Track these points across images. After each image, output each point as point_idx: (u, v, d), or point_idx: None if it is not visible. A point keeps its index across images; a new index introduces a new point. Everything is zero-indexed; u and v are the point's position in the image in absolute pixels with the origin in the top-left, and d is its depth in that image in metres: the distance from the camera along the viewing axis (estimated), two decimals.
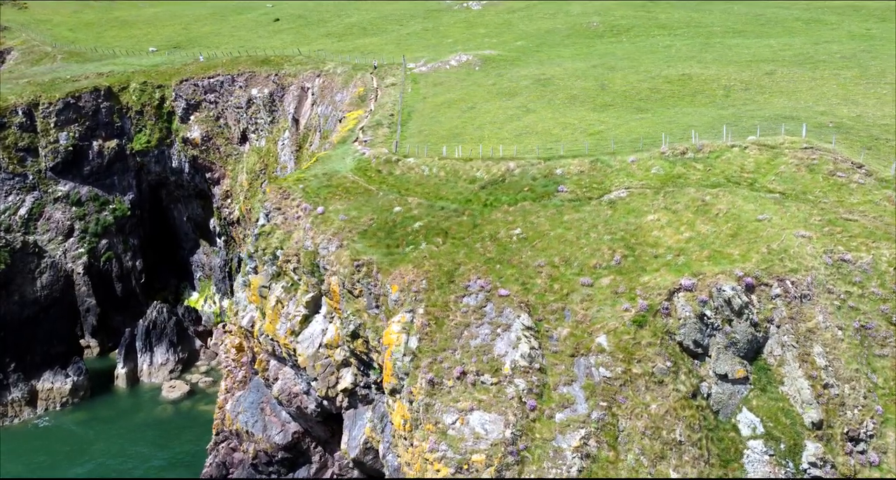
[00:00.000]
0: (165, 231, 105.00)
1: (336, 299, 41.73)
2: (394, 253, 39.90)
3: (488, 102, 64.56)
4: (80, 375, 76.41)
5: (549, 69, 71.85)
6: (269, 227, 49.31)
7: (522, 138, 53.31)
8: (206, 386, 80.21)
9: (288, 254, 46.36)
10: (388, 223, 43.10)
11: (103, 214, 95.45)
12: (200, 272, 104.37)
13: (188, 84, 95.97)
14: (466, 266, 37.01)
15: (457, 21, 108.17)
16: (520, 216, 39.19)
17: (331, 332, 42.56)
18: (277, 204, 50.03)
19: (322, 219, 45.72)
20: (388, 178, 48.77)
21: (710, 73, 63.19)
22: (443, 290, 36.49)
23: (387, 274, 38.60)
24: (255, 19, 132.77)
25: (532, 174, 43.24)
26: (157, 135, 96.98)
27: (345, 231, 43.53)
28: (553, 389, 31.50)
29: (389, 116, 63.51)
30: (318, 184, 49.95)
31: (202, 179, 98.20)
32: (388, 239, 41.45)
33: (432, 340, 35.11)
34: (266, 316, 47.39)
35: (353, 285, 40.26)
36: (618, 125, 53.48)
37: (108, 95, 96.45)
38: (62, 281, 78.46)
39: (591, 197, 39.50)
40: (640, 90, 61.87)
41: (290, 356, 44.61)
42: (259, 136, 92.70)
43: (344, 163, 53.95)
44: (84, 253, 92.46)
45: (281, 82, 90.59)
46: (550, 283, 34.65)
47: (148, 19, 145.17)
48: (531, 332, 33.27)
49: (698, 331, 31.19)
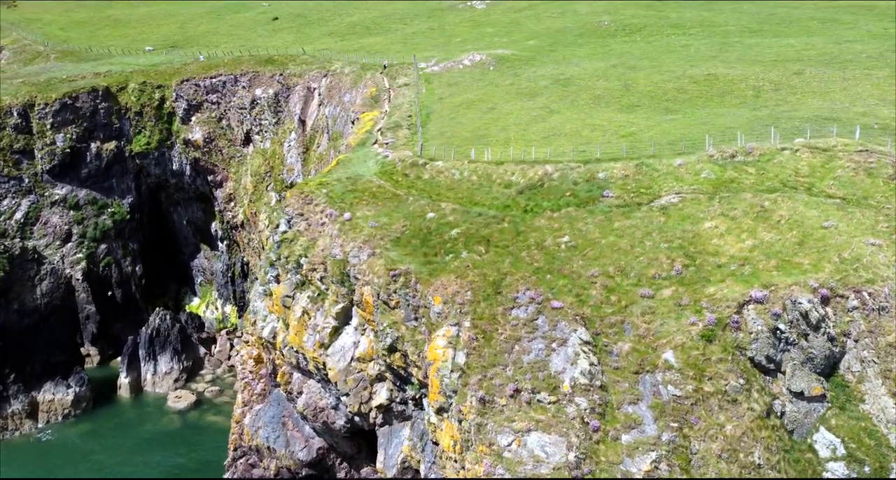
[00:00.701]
0: (165, 235, 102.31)
1: (369, 310, 39.67)
2: (432, 262, 37.90)
3: (508, 103, 62.71)
4: (83, 385, 73.77)
5: (567, 69, 70.10)
6: (291, 234, 47.14)
7: (551, 140, 51.47)
8: (212, 396, 77.80)
9: (313, 263, 44.23)
10: (421, 230, 41.09)
11: (102, 218, 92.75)
12: (201, 277, 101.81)
13: (189, 84, 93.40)
14: (513, 276, 35.09)
15: (462, 20, 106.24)
16: (566, 223, 37.31)
17: (363, 345, 40.49)
18: (300, 209, 47.86)
19: (350, 225, 43.65)
20: (417, 183, 46.74)
21: (737, 73, 61.66)
22: (489, 302, 34.55)
23: (427, 284, 36.59)
24: (252, 18, 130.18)
25: (573, 178, 41.39)
26: (157, 137, 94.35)
27: (376, 238, 41.48)
28: (616, 408, 29.65)
29: (407, 117, 61.47)
30: (343, 189, 47.85)
31: (204, 182, 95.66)
32: (424, 247, 39.45)
33: (480, 355, 33.17)
34: (290, 327, 45.21)
35: (389, 296, 38.22)
36: (649, 126, 51.79)
37: (107, 96, 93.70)
38: (62, 288, 75.75)
39: (640, 202, 37.67)
40: (666, 90, 60.23)
41: (319, 370, 42.49)
42: (263, 138, 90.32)
43: (366, 166, 51.87)
44: (83, 259, 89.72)
45: (286, 82, 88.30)
46: (606, 295, 32.79)
47: (141, 18, 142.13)
48: (589, 347, 31.41)
49: (771, 346, 29.45)
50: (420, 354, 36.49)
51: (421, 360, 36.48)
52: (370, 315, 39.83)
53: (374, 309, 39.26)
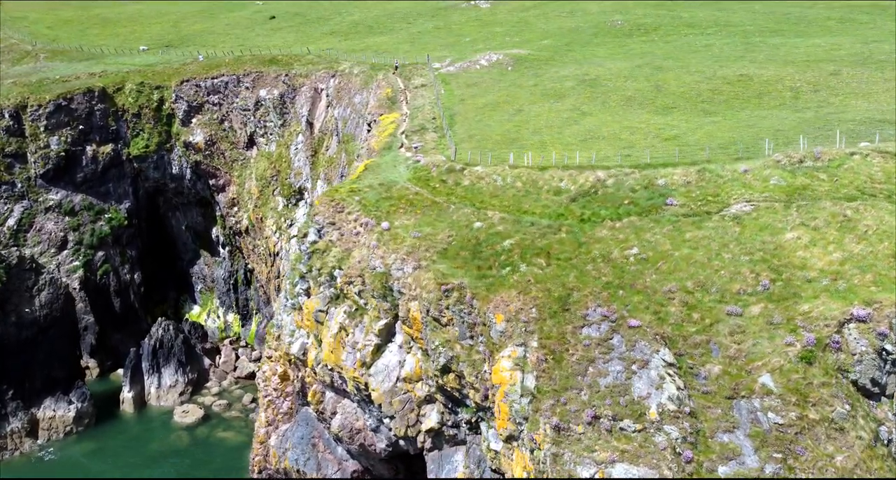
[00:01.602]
0: (163, 241, 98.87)
1: (417, 327, 37.08)
2: (487, 276, 35.38)
3: (535, 104, 60.37)
4: (84, 401, 70.25)
5: (590, 69, 67.90)
6: (322, 244, 44.42)
7: (590, 144, 49.17)
8: (221, 410, 74.55)
9: (349, 275, 41.54)
10: (469, 241, 38.58)
11: (99, 224, 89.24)
12: (201, 284, 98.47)
13: (189, 85, 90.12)
14: (581, 291, 32.68)
15: (468, 19, 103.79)
16: (632, 233, 34.98)
17: (410, 364, 37.88)
18: (331, 218, 45.15)
19: (389, 235, 41.03)
20: (457, 190, 44.20)
21: (770, 74, 59.80)
22: (556, 320, 32.11)
23: (485, 300, 34.08)
24: (248, 17, 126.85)
25: (629, 185, 39.07)
26: (155, 140, 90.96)
27: (420, 250, 38.90)
28: (710, 437, 27.31)
29: (431, 120, 58.89)
30: (377, 196, 45.21)
31: (205, 186, 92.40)
32: (475, 259, 36.92)
33: (551, 378, 30.72)
34: (323, 343, 42.50)
35: (441, 312, 35.65)
36: (692, 129, 49.70)
37: (103, 97, 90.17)
38: (62, 298, 72.19)
39: (708, 211, 35.43)
40: (699, 91, 58.22)
41: (360, 390, 39.81)
42: (268, 140, 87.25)
43: (397, 172, 49.26)
44: (79, 267, 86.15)
45: (292, 83, 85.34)
46: (687, 312, 30.48)
47: (132, 17, 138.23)
48: (674, 369, 29.07)
49: (876, 368, 27.32)
50: (478, 375, 33.97)
51: (479, 382, 33.97)
52: (418, 332, 37.24)
53: (423, 326, 36.67)
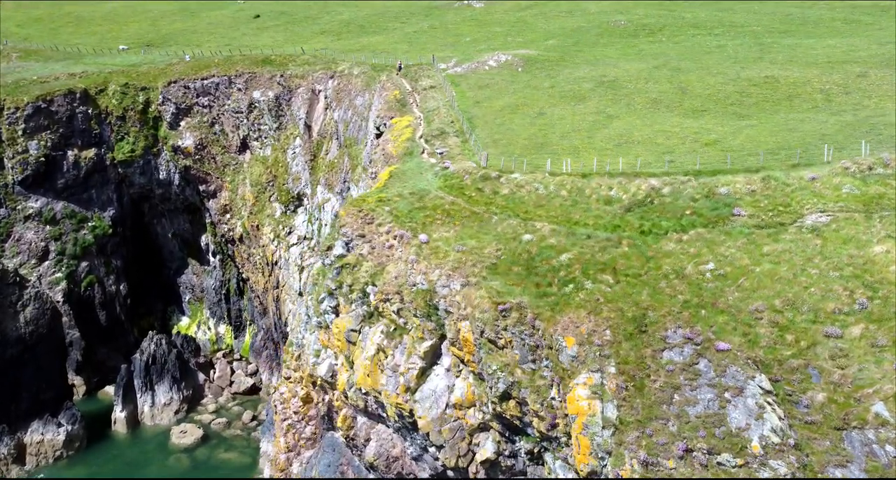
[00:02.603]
0: (148, 249, 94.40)
1: (469, 349, 34.31)
2: (548, 294, 32.77)
3: (556, 107, 57.98)
4: (74, 423, 65.92)
5: (606, 70, 65.72)
6: (352, 258, 41.40)
7: (626, 149, 46.93)
8: (220, 429, 70.76)
9: (386, 292, 38.62)
10: (520, 255, 35.94)
11: (82, 233, 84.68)
12: (190, 294, 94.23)
13: (178, 86, 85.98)
14: (657, 311, 30.24)
15: (464, 19, 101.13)
16: (704, 247, 32.65)
17: (460, 389, 35.08)
18: (360, 230, 42.16)
19: (430, 249, 38.19)
20: (496, 199, 41.51)
21: (796, 76, 58.20)
22: (633, 343, 29.64)
23: (550, 321, 31.45)
24: (231, 16, 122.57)
25: (688, 194, 36.79)
26: (142, 144, 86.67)
27: (467, 265, 36.15)
28: (819, 472, 25.06)
29: (450, 124, 56.12)
30: (409, 206, 42.33)
31: (194, 192, 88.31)
32: (531, 275, 34.28)
33: (633, 407, 28.26)
34: (357, 365, 39.48)
35: (497, 334, 32.94)
36: (729, 133, 47.71)
37: (85, 99, 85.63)
38: (48, 314, 67.75)
39: (782, 223, 33.27)
40: (727, 94, 56.36)
41: (402, 417, 36.89)
42: (263, 144, 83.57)
43: (424, 179, 46.43)
44: (62, 279, 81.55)
45: (287, 84, 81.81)
46: (779, 334, 28.21)
47: (107, 15, 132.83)
48: (772, 397, 26.77)
49: None
50: (543, 402, 31.35)
51: (544, 409, 31.35)
52: (469, 354, 34.48)
53: (476, 348, 33.92)
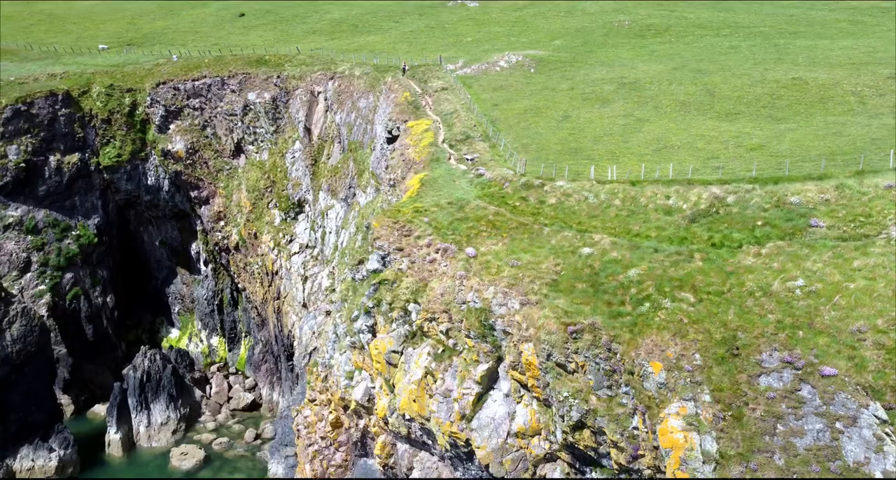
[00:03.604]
0: (134, 258, 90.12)
1: (533, 374, 31.72)
2: (622, 313, 30.32)
3: (580, 110, 55.73)
4: (67, 447, 61.76)
5: (623, 72, 63.71)
6: (390, 274, 38.52)
7: (666, 154, 44.84)
8: (222, 449, 67.07)
9: (432, 311, 35.85)
10: (582, 270, 33.44)
11: (65, 243, 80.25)
12: (179, 305, 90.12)
13: (166, 87, 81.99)
14: (748, 332, 27.96)
15: (461, 19, 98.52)
16: (787, 261, 30.47)
17: (523, 417, 32.46)
18: (397, 243, 39.29)
19: (479, 264, 35.51)
20: (543, 208, 38.99)
21: (824, 78, 56.75)
22: (726, 367, 27.31)
23: (630, 344, 28.99)
24: (214, 14, 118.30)
25: (757, 203, 34.66)
26: (129, 148, 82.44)
27: (524, 281, 33.56)
28: None
29: (473, 127, 53.51)
30: (449, 217, 39.60)
31: (185, 198, 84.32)
32: (598, 293, 31.79)
33: (732, 439, 25.93)
34: (400, 389, 36.64)
35: (567, 357, 30.40)
36: (772, 137, 45.87)
37: (67, 101, 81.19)
38: (36, 331, 63.44)
39: (866, 234, 31.29)
40: (757, 96, 54.65)
41: (456, 446, 34.14)
42: (259, 148, 79.99)
43: (459, 187, 43.72)
44: (46, 291, 77.14)
45: (284, 85, 78.38)
46: (888, 357, 26.11)
47: (83, 13, 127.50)
48: (890, 428, 24.65)
49: None
50: (623, 432, 28.87)
51: (624, 440, 28.88)
52: (533, 379, 31.87)
53: (542, 372, 31.34)
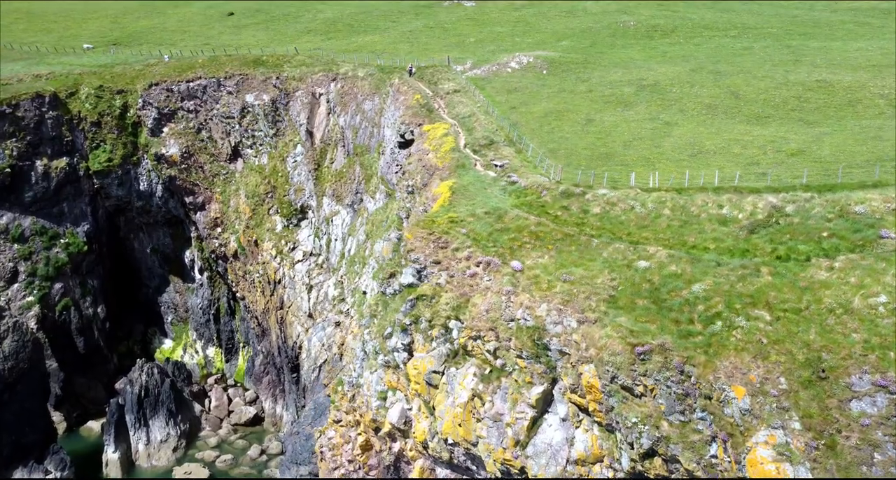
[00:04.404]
0: (125, 266, 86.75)
1: (595, 397, 29.75)
2: (692, 333, 28.47)
3: (602, 113, 54.02)
4: (64, 469, 58.59)
5: (640, 73, 62.15)
6: (428, 289, 36.35)
7: (702, 160, 43.30)
8: (226, 468, 64.26)
9: (476, 329, 33.76)
10: (640, 285, 31.56)
11: (54, 251, 76.78)
12: (172, 314, 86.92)
13: (159, 89, 78.85)
14: (835, 353, 26.25)
15: (459, 18, 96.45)
16: (866, 276, 28.81)
17: (583, 443, 30.48)
18: (433, 255, 37.13)
19: (528, 278, 33.49)
20: (588, 218, 37.08)
21: (848, 80, 55.69)
22: (813, 391, 25.57)
23: (707, 367, 27.15)
24: (201, 13, 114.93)
25: (819, 214, 33.07)
26: (120, 152, 79.18)
27: (579, 297, 31.60)
28: None
29: (495, 132, 51.48)
30: (488, 228, 37.52)
31: (178, 204, 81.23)
32: (662, 310, 29.93)
33: (826, 469, 24.21)
34: (442, 412, 34.49)
35: (635, 380, 28.49)
36: (810, 142, 44.50)
37: (54, 103, 77.73)
38: (29, 346, 60.21)
39: None
40: (784, 99, 53.39)
41: (509, 473, 32.07)
42: (258, 152, 77.19)
43: (492, 195, 41.64)
44: (35, 303, 73.58)
45: (284, 87, 75.71)
46: None
47: (62, 11, 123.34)
48: None
49: None
50: (700, 461, 27.02)
51: (701, 469, 27.02)
52: (595, 403, 29.91)
53: (605, 396, 29.40)
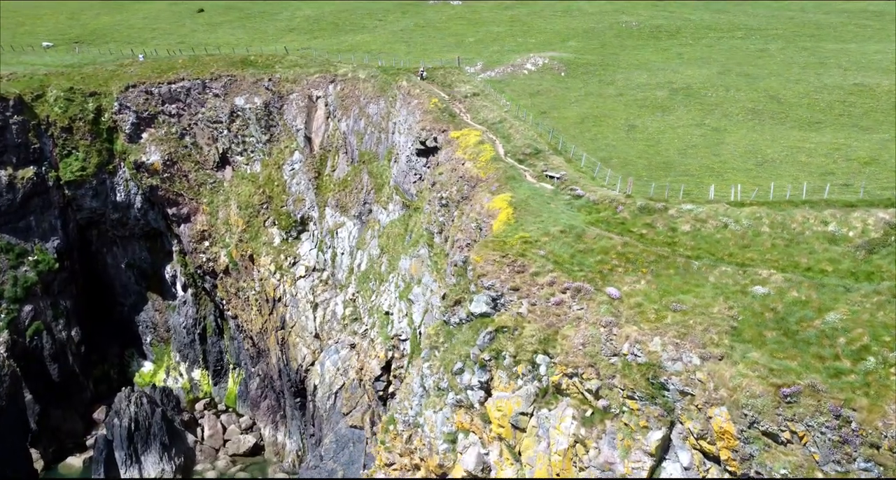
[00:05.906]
0: (97, 283, 79.98)
1: (730, 444, 26.31)
2: (842, 371, 25.28)
3: (641, 118, 51.01)
4: None
5: (667, 76, 59.48)
6: (508, 319, 32.39)
7: (771, 170, 40.64)
8: None
9: (572, 364, 29.97)
10: (762, 314, 28.32)
11: (22, 270, 69.90)
12: (151, 334, 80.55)
13: (137, 91, 72.66)
14: None
15: (450, 17, 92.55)
16: None
17: None
18: (510, 281, 33.20)
19: (631, 308, 29.88)
20: (678, 237, 33.73)
21: (887, 83, 54.10)
22: None
23: (872, 412, 23.99)
24: (169, 9, 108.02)
25: None
26: (94, 160, 72.66)
27: (696, 329, 28.15)
28: None
29: (536, 139, 47.75)
30: (568, 249, 33.78)
31: (159, 216, 75.10)
32: (798, 344, 26.71)
33: None
34: (531, 458, 30.60)
35: (780, 425, 25.18)
36: (877, 149, 42.33)
37: (19, 106, 70.78)
38: (7, 381, 53.76)
39: None
40: (828, 103, 51.34)
41: None
42: (249, 159, 71.74)
43: (555, 209, 37.94)
44: (3, 328, 66.60)
45: (277, 89, 70.50)
46: None
47: (11, 7, 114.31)
48: None
49: None
50: None
51: None
52: (728, 450, 26.48)
53: (741, 442, 26.00)
